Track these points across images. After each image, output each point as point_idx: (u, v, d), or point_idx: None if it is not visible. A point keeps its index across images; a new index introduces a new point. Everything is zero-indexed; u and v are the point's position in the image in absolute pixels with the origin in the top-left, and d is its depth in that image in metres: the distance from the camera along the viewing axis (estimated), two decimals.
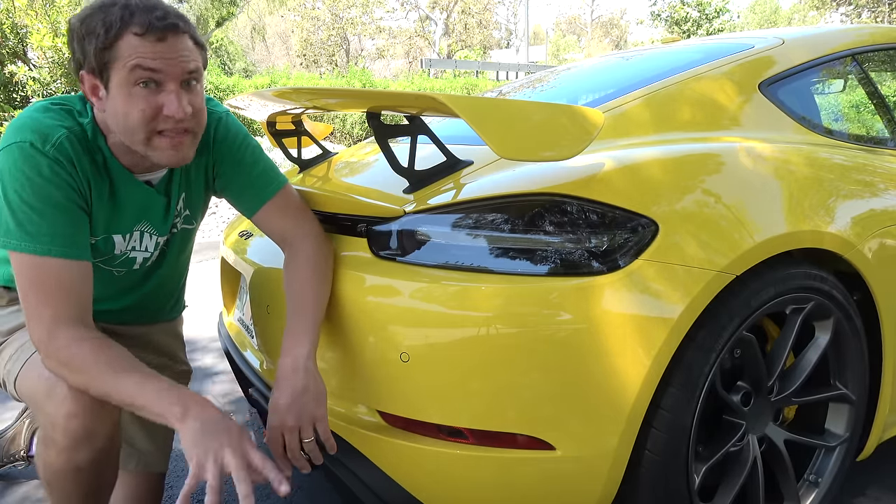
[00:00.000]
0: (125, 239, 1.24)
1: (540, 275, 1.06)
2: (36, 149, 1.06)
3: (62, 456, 1.09)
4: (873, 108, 1.77)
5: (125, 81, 1.05)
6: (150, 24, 1.03)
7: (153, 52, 1.04)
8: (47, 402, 1.08)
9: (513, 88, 2.17)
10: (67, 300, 1.06)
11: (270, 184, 1.30)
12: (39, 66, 7.06)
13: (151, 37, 1.04)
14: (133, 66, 1.04)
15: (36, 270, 1.05)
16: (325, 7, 29.31)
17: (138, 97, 1.06)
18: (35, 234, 1.05)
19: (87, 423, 1.07)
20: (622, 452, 1.09)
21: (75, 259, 1.08)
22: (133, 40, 1.03)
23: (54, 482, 1.14)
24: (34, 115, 1.10)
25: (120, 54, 1.04)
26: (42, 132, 1.08)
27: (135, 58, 1.04)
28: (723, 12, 17.03)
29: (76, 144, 1.10)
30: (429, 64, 15.59)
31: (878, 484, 1.69)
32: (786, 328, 1.30)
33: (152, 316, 1.46)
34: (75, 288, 1.08)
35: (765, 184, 1.25)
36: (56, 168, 1.07)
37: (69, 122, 1.12)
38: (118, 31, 1.03)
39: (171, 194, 1.27)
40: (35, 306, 1.05)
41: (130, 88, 1.05)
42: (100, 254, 1.22)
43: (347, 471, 1.19)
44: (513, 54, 27.42)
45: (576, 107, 1.13)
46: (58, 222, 1.07)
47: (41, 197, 1.06)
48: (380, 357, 1.13)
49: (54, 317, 1.05)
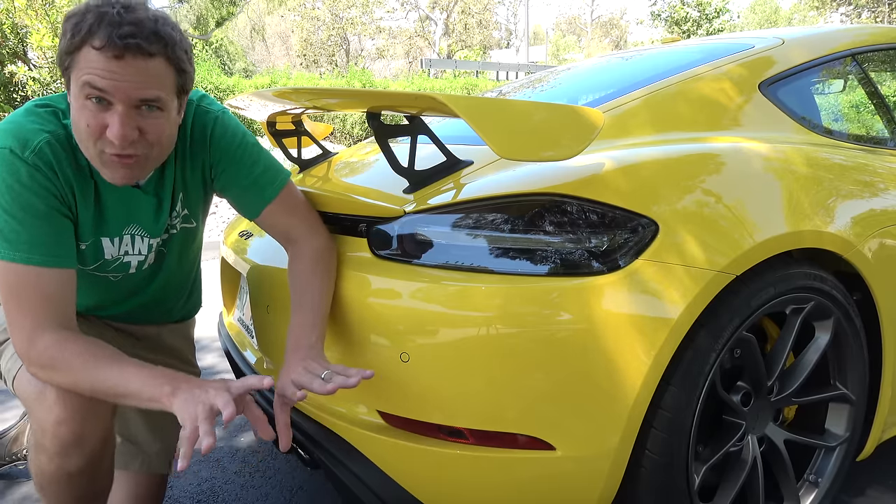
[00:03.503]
0: (114, 243, 1.22)
1: (540, 275, 1.06)
2: (15, 155, 1.04)
3: (53, 462, 1.09)
4: (873, 108, 1.77)
5: (78, 93, 1.02)
6: (109, 40, 0.97)
7: (105, 71, 0.99)
8: (37, 408, 1.08)
9: (513, 88, 2.17)
10: (48, 308, 1.05)
11: (272, 182, 1.28)
12: (39, 66, 7.06)
13: (108, 53, 0.98)
14: (83, 81, 1.00)
15: (16, 278, 1.04)
16: (325, 7, 29.30)
17: (87, 111, 1.02)
18: (14, 242, 1.04)
19: (76, 429, 1.06)
20: (622, 452, 1.09)
21: (56, 267, 1.07)
22: (90, 53, 0.98)
23: (47, 488, 1.13)
24: (17, 120, 1.08)
25: (77, 64, 1.00)
26: (22, 138, 1.06)
27: (86, 72, 0.99)
28: (723, 12, 17.02)
29: (58, 149, 1.08)
30: (429, 64, 15.58)
31: (878, 484, 1.69)
32: (786, 328, 1.30)
33: (164, 315, 1.44)
34: (56, 295, 1.06)
35: (765, 184, 1.25)
36: (35, 175, 1.05)
37: (52, 125, 1.09)
38: (81, 40, 0.98)
39: (163, 195, 1.24)
40: (15, 315, 1.04)
41: (82, 100, 1.02)
42: (91, 261, 1.21)
43: (348, 471, 1.19)
44: (513, 54, 27.42)
45: (576, 107, 1.13)
46: (38, 230, 1.05)
47: (20, 205, 1.04)
48: (380, 357, 1.13)
49: (35, 325, 1.04)
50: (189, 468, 1.83)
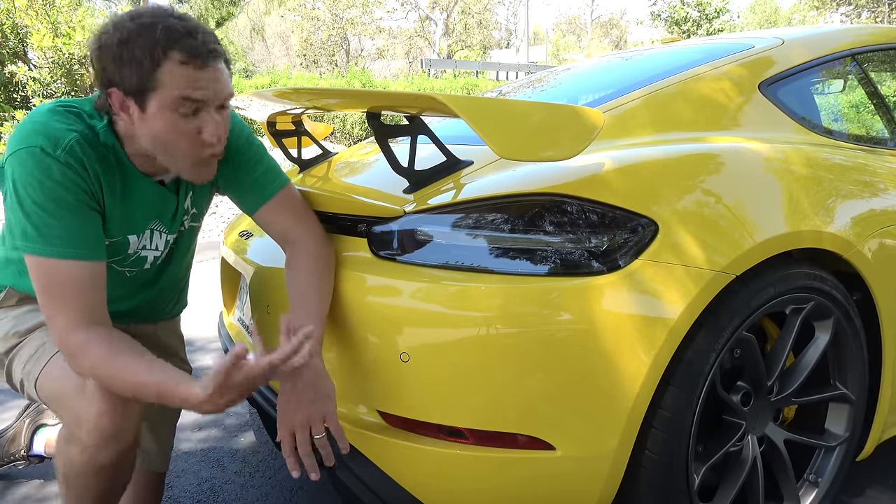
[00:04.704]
0: (139, 238, 1.25)
1: (540, 275, 1.06)
2: (46, 153, 1.06)
3: (85, 454, 1.10)
4: (873, 108, 1.77)
5: (167, 108, 1.05)
6: (193, 53, 1.03)
7: (196, 82, 1.04)
8: (76, 400, 1.09)
9: (513, 88, 2.17)
10: (83, 301, 1.07)
11: (273, 182, 1.31)
12: (39, 66, 7.06)
13: (196, 64, 1.03)
14: (178, 97, 1.04)
15: (51, 273, 1.06)
16: (325, 7, 29.30)
17: (182, 127, 1.07)
18: (49, 237, 1.06)
19: (116, 420, 1.08)
20: (622, 452, 1.09)
21: (89, 260, 1.09)
22: (177, 68, 1.02)
23: (74, 481, 1.14)
24: (43, 120, 1.09)
25: (162, 82, 1.03)
26: (52, 136, 1.07)
27: (178, 89, 1.03)
28: (723, 12, 17.02)
29: (86, 147, 1.10)
30: (429, 64, 15.58)
31: (878, 484, 1.69)
32: (786, 328, 1.30)
33: (156, 314, 1.47)
34: (91, 289, 1.08)
35: (765, 184, 1.25)
36: (67, 171, 1.07)
37: (79, 125, 1.11)
38: (161, 58, 1.02)
39: (180, 192, 1.29)
40: (52, 310, 1.06)
41: (173, 117, 1.05)
42: (114, 254, 1.23)
43: (348, 471, 1.19)
44: (513, 54, 27.41)
45: (576, 107, 1.13)
46: (71, 225, 1.07)
47: (53, 200, 1.06)
48: (380, 357, 1.13)
49: (72, 319, 1.05)
50: (189, 468, 1.83)
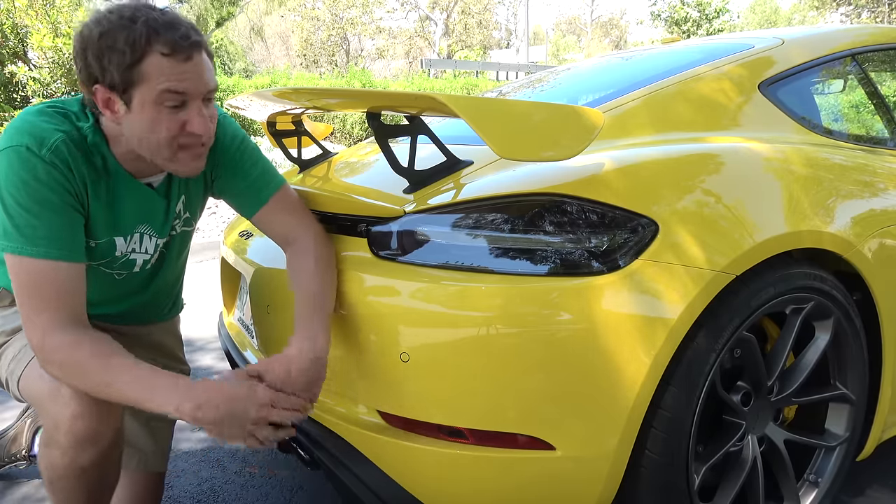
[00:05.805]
0: (126, 241, 1.24)
1: (540, 275, 1.06)
2: (32, 152, 1.06)
3: (66, 457, 1.09)
4: (873, 108, 1.77)
5: (151, 102, 1.05)
6: (176, 44, 1.03)
7: (181, 74, 1.04)
8: (51, 404, 1.08)
9: (513, 88, 2.17)
10: (63, 302, 1.06)
11: (269, 184, 1.31)
12: (39, 66, 7.06)
13: (179, 56, 1.03)
14: (162, 90, 1.04)
15: (32, 273, 1.05)
16: (325, 7, 29.29)
17: (165, 118, 1.06)
18: (32, 238, 1.05)
19: (91, 424, 1.07)
20: (622, 452, 1.09)
21: (70, 261, 1.08)
22: (160, 61, 1.03)
23: (57, 483, 1.14)
24: (30, 119, 1.09)
25: (146, 75, 1.03)
26: (38, 136, 1.07)
27: (162, 81, 1.03)
28: (723, 12, 17.02)
29: (73, 148, 1.10)
30: (429, 64, 15.58)
31: (878, 484, 1.69)
32: (786, 328, 1.30)
33: (150, 317, 1.46)
34: (71, 290, 1.08)
35: (765, 184, 1.25)
36: (52, 171, 1.07)
37: (66, 126, 1.11)
38: (143, 50, 1.02)
39: (171, 197, 1.27)
40: (30, 310, 1.05)
41: (158, 111, 1.06)
42: (100, 256, 1.22)
43: (348, 471, 1.19)
44: (513, 54, 27.41)
45: (576, 107, 1.13)
46: (55, 225, 1.07)
47: (37, 200, 1.05)
48: (380, 357, 1.13)
49: (50, 320, 1.05)
50: (189, 468, 1.83)
